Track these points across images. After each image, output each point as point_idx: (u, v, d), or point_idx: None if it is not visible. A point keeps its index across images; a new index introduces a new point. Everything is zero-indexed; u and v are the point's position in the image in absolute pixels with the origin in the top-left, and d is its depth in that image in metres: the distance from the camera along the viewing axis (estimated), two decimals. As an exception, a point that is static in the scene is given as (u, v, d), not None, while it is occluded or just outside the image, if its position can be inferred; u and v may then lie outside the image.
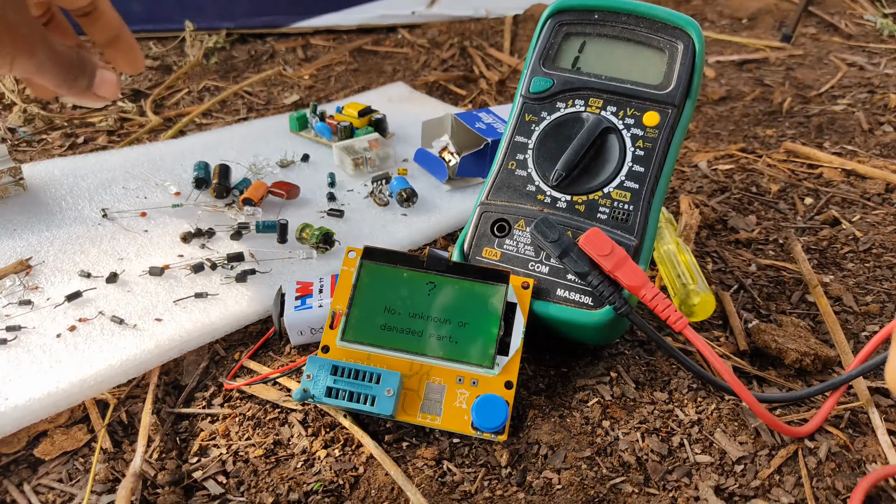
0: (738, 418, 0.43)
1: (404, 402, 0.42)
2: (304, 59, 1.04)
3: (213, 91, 0.94)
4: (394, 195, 0.66)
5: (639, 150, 0.48)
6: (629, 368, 0.46)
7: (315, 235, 0.58)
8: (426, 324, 0.44)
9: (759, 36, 1.12)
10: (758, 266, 0.59)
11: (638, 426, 0.42)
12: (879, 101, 0.88)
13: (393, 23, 1.14)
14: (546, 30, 0.52)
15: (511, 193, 0.49)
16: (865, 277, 0.58)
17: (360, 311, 0.44)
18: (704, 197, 0.69)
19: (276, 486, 0.39)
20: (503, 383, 0.42)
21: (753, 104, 0.90)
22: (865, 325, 0.53)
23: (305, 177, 0.71)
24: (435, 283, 0.44)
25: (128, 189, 0.67)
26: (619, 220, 0.46)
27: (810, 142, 0.80)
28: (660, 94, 0.48)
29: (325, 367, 0.41)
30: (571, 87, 0.50)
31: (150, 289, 0.54)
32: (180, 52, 1.04)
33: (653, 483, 0.39)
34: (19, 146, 0.79)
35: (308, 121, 0.79)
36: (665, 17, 0.49)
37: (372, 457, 0.41)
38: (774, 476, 0.39)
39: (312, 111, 0.80)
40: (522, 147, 0.50)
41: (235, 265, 0.57)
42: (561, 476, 0.39)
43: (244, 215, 0.63)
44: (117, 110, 0.87)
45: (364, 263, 0.45)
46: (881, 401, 0.45)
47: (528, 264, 0.46)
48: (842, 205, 0.68)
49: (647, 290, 0.43)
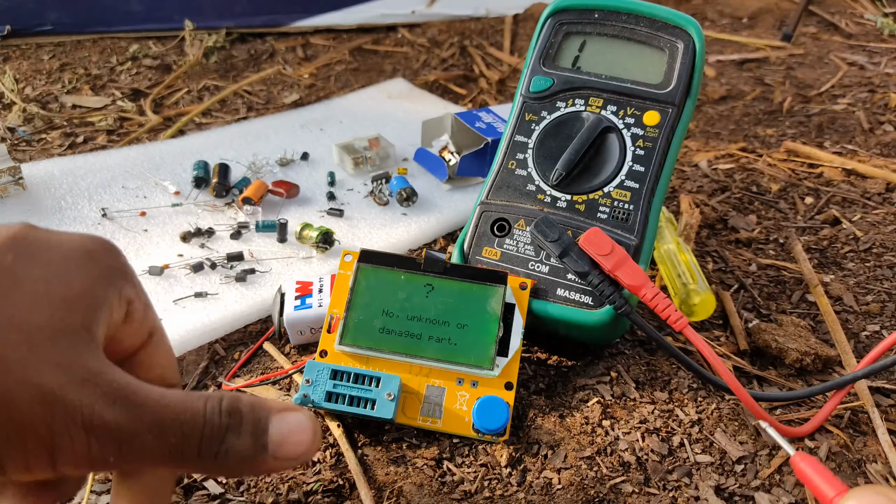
0: (739, 418, 0.42)
1: (404, 405, 0.42)
2: (304, 58, 1.04)
3: (213, 90, 0.94)
4: (394, 194, 0.66)
5: (639, 150, 0.48)
6: (629, 368, 0.46)
7: (315, 236, 0.58)
8: (425, 326, 0.43)
9: (759, 35, 1.12)
10: (758, 265, 0.59)
11: (638, 426, 0.42)
12: (880, 100, 0.88)
13: (393, 22, 1.14)
14: (546, 29, 0.52)
15: (511, 193, 0.49)
16: (866, 277, 0.58)
17: (357, 314, 0.44)
18: (705, 196, 0.69)
19: (276, 485, 0.39)
20: (503, 384, 0.42)
21: (754, 103, 0.90)
22: (866, 325, 0.52)
23: (305, 176, 0.71)
24: (433, 286, 0.44)
25: (127, 188, 0.67)
26: (619, 220, 0.46)
27: (811, 141, 0.80)
28: (660, 94, 0.48)
29: (324, 371, 0.41)
30: (571, 86, 0.50)
31: (149, 288, 0.54)
32: (180, 51, 1.04)
33: (653, 483, 0.39)
34: (19, 145, 0.79)
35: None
36: (665, 16, 0.49)
37: (373, 459, 0.41)
38: (775, 476, 0.39)
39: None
40: (522, 146, 0.50)
41: (235, 264, 0.57)
42: (561, 476, 0.39)
43: (244, 214, 0.63)
44: (117, 109, 0.87)
45: (361, 266, 0.45)
46: (881, 401, 0.45)
47: (528, 264, 0.46)
48: (842, 204, 0.68)
49: (647, 290, 0.43)
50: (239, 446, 0.26)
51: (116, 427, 0.24)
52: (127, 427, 0.24)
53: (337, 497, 0.38)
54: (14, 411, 0.22)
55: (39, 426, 0.23)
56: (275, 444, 0.27)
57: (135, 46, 1.03)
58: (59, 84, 0.93)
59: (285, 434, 0.28)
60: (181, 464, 0.26)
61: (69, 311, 0.24)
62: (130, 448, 0.25)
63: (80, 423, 0.23)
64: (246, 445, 0.27)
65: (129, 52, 1.01)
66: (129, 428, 0.24)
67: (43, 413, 0.23)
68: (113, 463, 0.24)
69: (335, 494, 0.39)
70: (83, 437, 0.24)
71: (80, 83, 0.93)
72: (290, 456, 0.28)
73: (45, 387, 0.23)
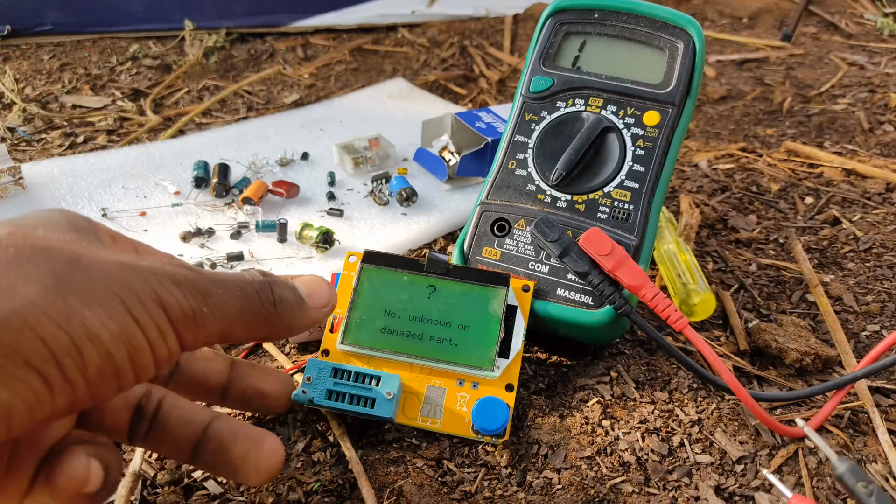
0: (739, 418, 0.42)
1: (405, 405, 0.42)
2: (304, 58, 1.04)
3: (213, 90, 0.94)
4: (393, 194, 0.66)
5: (639, 150, 0.48)
6: (629, 368, 0.46)
7: (315, 236, 0.58)
8: (426, 327, 0.43)
9: (759, 35, 1.12)
10: (758, 265, 0.59)
11: (638, 426, 0.42)
12: (880, 100, 0.88)
13: (393, 22, 1.14)
14: (546, 29, 0.52)
15: (511, 193, 0.49)
16: (866, 277, 0.58)
17: (360, 314, 0.44)
18: (705, 196, 0.69)
19: (276, 485, 0.39)
20: (504, 386, 0.42)
21: (754, 103, 0.90)
22: (866, 325, 0.52)
23: (305, 176, 0.71)
24: (435, 287, 0.44)
25: (127, 188, 0.67)
26: (619, 220, 0.46)
27: (811, 141, 0.80)
28: (660, 94, 0.48)
29: (325, 369, 0.41)
30: (571, 86, 0.50)
31: (149, 288, 0.54)
32: (180, 51, 1.04)
33: (653, 483, 0.39)
34: (19, 145, 0.79)
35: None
36: (665, 16, 0.49)
37: (373, 459, 0.41)
38: (775, 475, 0.39)
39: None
40: (522, 146, 0.50)
41: (235, 264, 0.57)
42: (561, 476, 0.39)
43: (244, 214, 0.63)
44: (117, 109, 0.87)
45: (364, 267, 0.45)
46: (881, 400, 0.45)
47: (529, 264, 0.46)
48: (842, 204, 0.68)
49: (647, 290, 0.43)
50: (286, 295, 0.32)
51: (192, 278, 0.28)
52: (198, 281, 0.28)
53: (337, 497, 0.38)
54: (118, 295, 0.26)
55: (142, 291, 0.26)
56: (308, 295, 0.33)
57: (135, 46, 1.03)
58: (59, 84, 0.93)
59: (310, 288, 0.34)
60: (254, 318, 0.30)
61: (76, 234, 0.28)
62: (212, 299, 0.29)
63: (169, 278, 0.27)
64: (290, 294, 0.32)
65: (129, 52, 1.01)
66: (201, 282, 0.29)
67: (140, 283, 0.26)
68: (208, 316, 0.28)
69: (335, 494, 0.39)
70: (176, 289, 0.27)
71: (80, 83, 0.93)
72: (321, 304, 0.34)
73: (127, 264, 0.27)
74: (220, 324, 0.29)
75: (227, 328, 0.29)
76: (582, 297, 0.45)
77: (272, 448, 0.34)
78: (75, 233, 0.28)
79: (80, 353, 0.24)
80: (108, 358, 0.25)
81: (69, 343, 0.24)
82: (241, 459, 0.33)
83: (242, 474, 0.34)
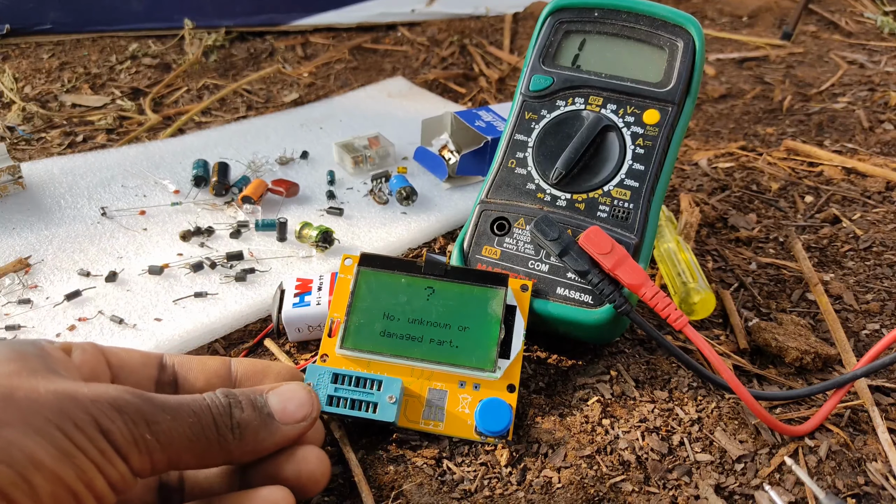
0: (739, 417, 0.42)
1: (406, 408, 0.42)
2: (304, 57, 1.04)
3: (213, 89, 0.94)
4: (393, 193, 0.66)
5: (639, 149, 0.48)
6: (629, 367, 0.46)
7: (314, 234, 0.58)
8: (426, 329, 0.43)
9: (759, 34, 1.12)
10: (758, 264, 0.59)
11: (638, 425, 0.42)
12: (880, 99, 0.88)
13: (392, 21, 1.14)
14: (546, 28, 0.52)
15: (511, 192, 0.49)
16: (866, 275, 0.58)
17: (358, 318, 0.44)
18: (705, 195, 0.69)
19: (276, 485, 0.39)
20: (505, 386, 0.42)
21: (754, 102, 0.90)
22: (866, 324, 0.52)
23: (305, 174, 0.71)
24: (433, 288, 0.44)
25: (127, 187, 0.67)
26: (619, 219, 0.46)
27: (811, 140, 0.80)
28: (660, 92, 0.48)
29: (325, 375, 0.41)
30: (571, 85, 0.50)
31: (149, 288, 0.54)
32: (179, 50, 1.03)
33: (653, 482, 0.39)
34: (18, 144, 0.79)
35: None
36: (665, 14, 0.49)
37: (373, 459, 0.41)
38: (775, 475, 0.39)
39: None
40: (522, 145, 0.50)
41: (235, 264, 0.57)
42: (561, 475, 0.39)
43: (243, 213, 0.63)
44: (116, 108, 0.86)
45: (361, 270, 0.45)
46: (881, 399, 0.45)
47: (528, 263, 0.46)
48: (842, 203, 0.68)
49: (647, 289, 0.43)
50: (247, 418, 0.30)
51: (136, 405, 0.27)
52: (143, 408, 0.28)
53: (337, 497, 0.38)
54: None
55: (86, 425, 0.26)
56: (278, 411, 0.31)
57: (134, 45, 1.02)
58: (59, 83, 0.92)
59: (284, 400, 0.32)
60: (207, 447, 0.29)
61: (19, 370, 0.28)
62: (157, 426, 0.28)
63: (110, 405, 0.27)
64: (252, 416, 0.30)
65: (128, 51, 1.01)
66: (146, 409, 0.28)
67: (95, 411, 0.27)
68: (152, 443, 0.27)
69: (335, 494, 0.39)
70: (117, 415, 0.27)
71: (80, 82, 0.93)
72: (296, 418, 0.32)
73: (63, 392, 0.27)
74: (167, 451, 0.28)
75: (174, 456, 0.28)
76: (582, 296, 0.45)
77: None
78: (19, 362, 0.28)
79: (29, 482, 0.24)
80: (59, 482, 0.25)
81: (14, 475, 0.24)
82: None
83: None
